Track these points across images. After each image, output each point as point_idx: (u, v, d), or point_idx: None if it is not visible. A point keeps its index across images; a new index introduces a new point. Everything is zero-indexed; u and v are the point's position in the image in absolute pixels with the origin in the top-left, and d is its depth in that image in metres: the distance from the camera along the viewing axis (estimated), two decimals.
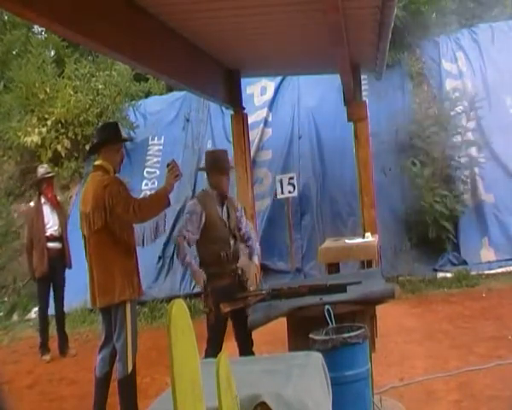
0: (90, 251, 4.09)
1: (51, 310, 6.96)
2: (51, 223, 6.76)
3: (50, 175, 6.94)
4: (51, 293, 6.86)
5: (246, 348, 4.39)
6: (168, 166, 4.20)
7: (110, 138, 4.23)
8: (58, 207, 6.93)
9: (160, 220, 4.45)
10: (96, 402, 4.18)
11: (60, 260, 6.74)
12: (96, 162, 4.22)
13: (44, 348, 6.83)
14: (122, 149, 4.38)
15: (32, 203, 7.05)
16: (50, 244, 6.69)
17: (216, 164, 4.50)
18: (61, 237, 6.78)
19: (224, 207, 4.52)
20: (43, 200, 6.83)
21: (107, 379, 4.19)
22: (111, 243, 4.02)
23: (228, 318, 4.33)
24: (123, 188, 4.09)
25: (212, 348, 4.12)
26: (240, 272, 4.47)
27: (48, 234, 6.70)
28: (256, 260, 4.69)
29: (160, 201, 4.16)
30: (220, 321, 4.26)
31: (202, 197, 4.50)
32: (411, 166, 8.72)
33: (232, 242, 4.47)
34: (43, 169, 6.94)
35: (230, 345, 4.50)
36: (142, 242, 4.37)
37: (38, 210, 6.77)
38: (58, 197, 7.40)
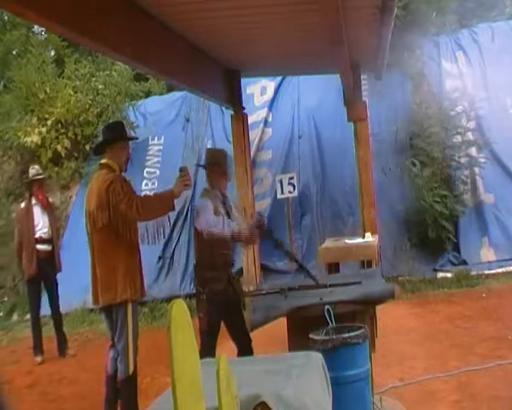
0: (93, 249, 4.09)
1: (44, 311, 6.91)
2: (41, 225, 6.68)
3: (41, 177, 6.86)
4: (44, 295, 6.81)
5: (244, 348, 4.38)
6: (181, 171, 4.08)
7: (115, 137, 4.21)
8: (49, 209, 6.84)
9: (164, 221, 4.39)
10: (107, 399, 4.17)
11: (49, 263, 6.66)
12: (102, 160, 4.20)
13: (37, 349, 6.76)
14: (127, 147, 4.35)
15: (22, 204, 6.94)
16: (40, 246, 6.61)
17: (217, 164, 4.46)
18: (51, 240, 6.70)
19: (226, 207, 4.48)
20: (33, 201, 6.75)
21: (117, 377, 4.17)
22: (114, 241, 4.01)
23: (220, 322, 4.31)
24: (126, 185, 4.05)
25: (206, 352, 4.09)
26: (236, 277, 4.45)
27: (37, 236, 6.61)
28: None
29: (164, 202, 4.10)
30: (212, 327, 4.26)
31: (208, 195, 4.38)
32: (411, 167, 8.72)
33: (231, 244, 4.44)
34: (34, 170, 6.83)
35: (230, 345, 4.50)
36: (146, 240, 4.32)
37: (29, 211, 6.68)
38: (51, 199, 7.29)
